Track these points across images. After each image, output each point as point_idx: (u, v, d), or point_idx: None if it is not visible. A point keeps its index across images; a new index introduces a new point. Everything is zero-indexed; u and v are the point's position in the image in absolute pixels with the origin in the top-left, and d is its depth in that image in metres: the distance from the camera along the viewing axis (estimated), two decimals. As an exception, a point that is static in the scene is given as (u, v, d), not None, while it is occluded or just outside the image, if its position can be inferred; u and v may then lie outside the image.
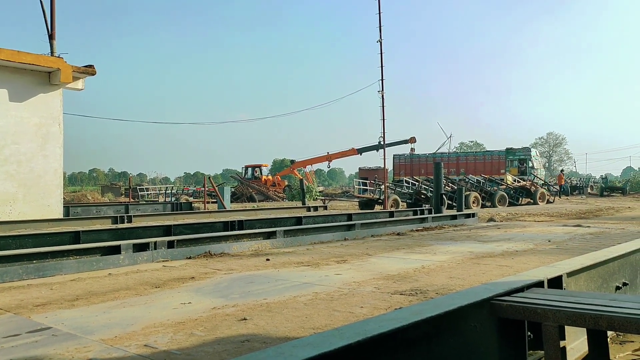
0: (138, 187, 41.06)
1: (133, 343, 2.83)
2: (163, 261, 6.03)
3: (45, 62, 11.78)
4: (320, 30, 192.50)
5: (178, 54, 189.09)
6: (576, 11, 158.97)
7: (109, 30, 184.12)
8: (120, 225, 11.13)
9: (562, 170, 42.03)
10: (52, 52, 12.41)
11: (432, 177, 17.80)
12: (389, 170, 34.62)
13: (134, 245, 5.93)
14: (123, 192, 40.71)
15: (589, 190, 39.76)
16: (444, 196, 16.43)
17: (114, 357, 2.60)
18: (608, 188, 39.56)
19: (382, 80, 20.80)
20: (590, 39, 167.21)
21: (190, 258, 6.30)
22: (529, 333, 2.27)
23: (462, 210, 14.29)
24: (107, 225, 11.21)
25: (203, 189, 22.47)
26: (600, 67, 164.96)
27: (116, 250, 5.76)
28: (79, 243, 6.65)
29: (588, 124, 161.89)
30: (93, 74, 12.79)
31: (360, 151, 37.69)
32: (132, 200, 29.07)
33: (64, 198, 13.44)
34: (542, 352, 2.20)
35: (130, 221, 12.17)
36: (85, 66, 12.63)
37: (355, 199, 24.88)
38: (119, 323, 3.27)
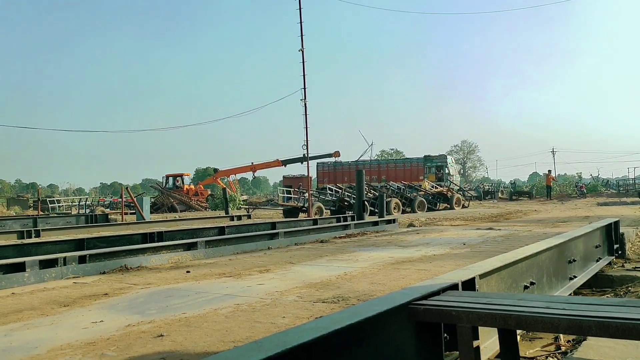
0: (48, 199, 38.64)
1: (36, 368, 2.62)
2: (74, 277, 5.67)
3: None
4: (247, 39, 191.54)
5: (96, 58, 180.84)
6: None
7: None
8: (26, 240, 10.39)
9: (549, 171, 40.74)
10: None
11: (355, 185, 18.12)
12: (312, 178, 34.91)
13: (41, 261, 5.53)
14: (31, 204, 38.13)
15: (500, 195, 42.12)
16: (366, 203, 16.80)
17: (13, 385, 2.39)
18: (516, 192, 42.16)
19: (304, 88, 21.01)
20: (494, 50, 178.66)
21: (104, 273, 5.96)
22: (445, 334, 2.33)
23: (383, 217, 14.68)
24: (12, 240, 10.42)
25: (120, 199, 21.50)
26: (505, 77, 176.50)
27: (20, 267, 5.33)
28: (-22, 261, 6.10)
29: (496, 132, 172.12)
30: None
31: (284, 163, 37.65)
32: (41, 213, 27.22)
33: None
34: (458, 352, 2.26)
35: (38, 235, 11.40)
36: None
37: (280, 207, 24.83)
38: (22, 347, 3.01)
